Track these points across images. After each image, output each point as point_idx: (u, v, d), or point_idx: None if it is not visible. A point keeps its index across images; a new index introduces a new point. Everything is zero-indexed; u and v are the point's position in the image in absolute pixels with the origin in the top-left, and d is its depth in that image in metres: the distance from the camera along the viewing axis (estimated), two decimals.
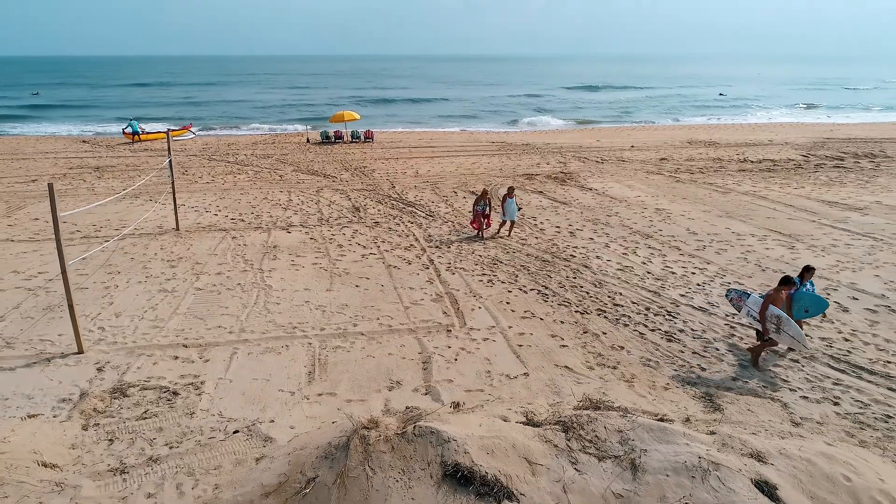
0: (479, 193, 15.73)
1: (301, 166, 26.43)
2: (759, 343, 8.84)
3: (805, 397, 7.84)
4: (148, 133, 34.12)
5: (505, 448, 5.52)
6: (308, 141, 34.27)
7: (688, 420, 6.73)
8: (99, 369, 8.64)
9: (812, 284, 9.39)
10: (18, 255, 14.09)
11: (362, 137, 34.16)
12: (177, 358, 9.03)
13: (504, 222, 15.70)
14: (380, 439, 5.42)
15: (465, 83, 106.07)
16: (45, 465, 6.07)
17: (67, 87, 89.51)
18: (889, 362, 8.76)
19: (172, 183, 16.49)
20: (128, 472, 6.25)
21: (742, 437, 5.92)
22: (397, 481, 5.16)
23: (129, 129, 33.28)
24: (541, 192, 21.13)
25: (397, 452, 5.35)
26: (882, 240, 15.00)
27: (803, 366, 8.69)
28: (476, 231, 15.63)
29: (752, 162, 27.69)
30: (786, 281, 8.73)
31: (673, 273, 12.69)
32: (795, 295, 9.15)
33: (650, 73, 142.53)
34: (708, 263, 13.31)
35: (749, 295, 9.31)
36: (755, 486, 5.24)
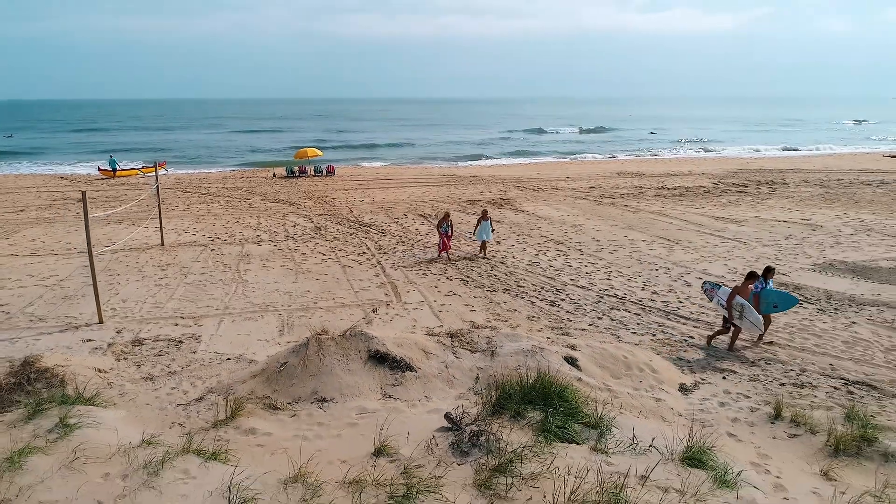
0: (442, 216, 16.98)
1: (268, 196, 29.37)
2: (722, 328, 10.40)
3: (634, 332, 11.09)
4: (123, 169, 36.68)
5: (410, 344, 8.57)
6: (274, 175, 37.27)
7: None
8: (118, 332, 11.38)
9: (771, 284, 10.75)
10: (27, 266, 16.61)
11: (325, 172, 37.34)
12: (177, 324, 11.82)
13: (482, 243, 17.16)
14: (328, 338, 8.40)
15: (426, 125, 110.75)
16: (98, 371, 8.83)
17: (38, 131, 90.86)
18: (703, 314, 12.13)
19: (159, 205, 19.29)
20: (154, 380, 9.04)
21: (564, 339, 9.09)
22: (339, 360, 8.14)
23: (108, 167, 35.77)
24: (478, 214, 24.43)
25: (339, 345, 8.33)
26: (744, 243, 18.68)
27: (642, 316, 11.98)
28: (440, 254, 16.86)
29: (668, 189, 31.70)
30: (751, 275, 10.31)
31: (570, 266, 16.02)
32: (763, 293, 10.43)
33: (601, 114, 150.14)
34: (600, 260, 16.69)
35: (720, 287, 11.07)
36: (564, 359, 8.39)
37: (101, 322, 11.85)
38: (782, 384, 8.76)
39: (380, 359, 8.20)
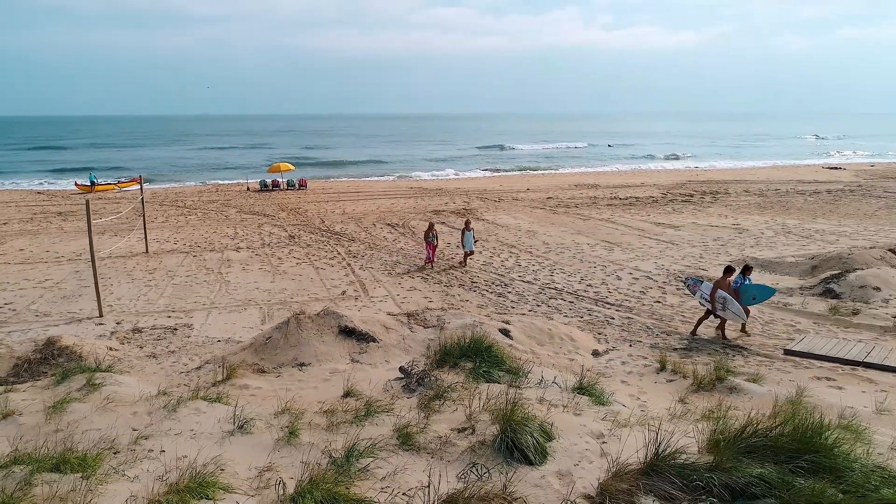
0: (427, 227, 18.07)
1: (244, 209, 30.91)
2: (703, 317, 11.68)
3: (566, 316, 13.08)
4: (100, 185, 37.84)
5: (373, 321, 10.40)
6: (248, 189, 38.76)
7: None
8: (118, 323, 12.95)
9: (749, 280, 11.90)
10: (21, 272, 17.96)
11: (297, 185, 38.96)
12: (170, 317, 13.44)
13: (466, 253, 17.98)
14: (306, 316, 10.19)
15: (396, 140, 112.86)
16: (110, 349, 10.44)
17: (3, 148, 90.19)
18: (626, 300, 14.21)
19: (143, 215, 20.80)
20: (157, 357, 10.69)
21: (501, 316, 11.03)
22: (315, 334, 9.92)
23: (85, 182, 36.89)
24: (443, 222, 26.38)
25: (315, 322, 10.12)
26: (676, 245, 20.95)
27: (575, 304, 14.00)
28: (427, 263, 17.79)
29: (620, 199, 34.11)
30: (728, 270, 11.45)
31: (520, 265, 18.02)
32: (741, 288, 11.37)
33: (565, 130, 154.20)
34: (547, 260, 18.74)
35: (702, 282, 12.13)
36: (499, 330, 10.31)
37: (101, 315, 13.39)
38: (675, 349, 10.82)
39: (348, 332, 10.01)
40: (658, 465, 4.74)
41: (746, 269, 12.04)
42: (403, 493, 4.98)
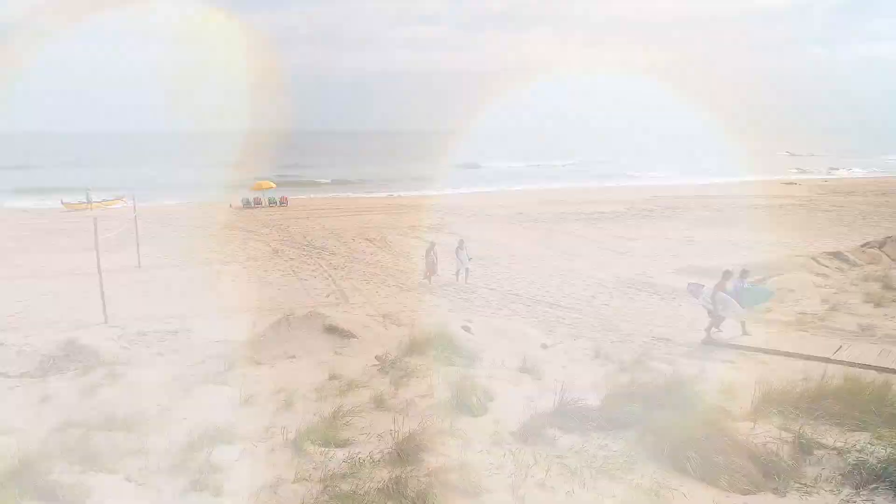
0: (428, 246, 19.25)
1: (228, 225, 32.36)
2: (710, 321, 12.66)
3: (523, 317, 14.90)
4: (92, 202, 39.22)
5: (354, 321, 12.10)
6: (231, 206, 40.16)
7: None
8: (122, 328, 14.43)
9: (746, 283, 12.88)
10: (23, 285, 19.26)
11: (278, 202, 40.49)
12: (169, 322, 14.93)
13: (459, 271, 18.89)
14: (296, 317, 11.85)
15: (374, 156, 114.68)
16: (122, 348, 11.96)
17: None
18: (577, 303, 16.10)
19: (136, 231, 22.25)
20: (163, 355, 12.23)
21: (465, 317, 12.81)
22: (303, 331, 11.58)
23: (76, 201, 38.20)
24: (417, 237, 28.14)
25: (303, 321, 11.78)
26: (629, 254, 22.97)
27: (532, 307, 15.82)
28: (427, 277, 18.87)
29: (585, 213, 36.22)
30: (726, 274, 12.56)
31: (486, 275, 19.83)
32: (742, 291, 12.38)
33: (541, 146, 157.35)
34: (511, 269, 20.60)
35: (703, 286, 13.05)
36: (462, 327, 12.06)
37: (106, 321, 14.85)
38: (612, 342, 12.68)
39: (332, 330, 11.67)
40: (562, 408, 6.52)
41: (744, 274, 13.00)
42: (377, 435, 6.68)
